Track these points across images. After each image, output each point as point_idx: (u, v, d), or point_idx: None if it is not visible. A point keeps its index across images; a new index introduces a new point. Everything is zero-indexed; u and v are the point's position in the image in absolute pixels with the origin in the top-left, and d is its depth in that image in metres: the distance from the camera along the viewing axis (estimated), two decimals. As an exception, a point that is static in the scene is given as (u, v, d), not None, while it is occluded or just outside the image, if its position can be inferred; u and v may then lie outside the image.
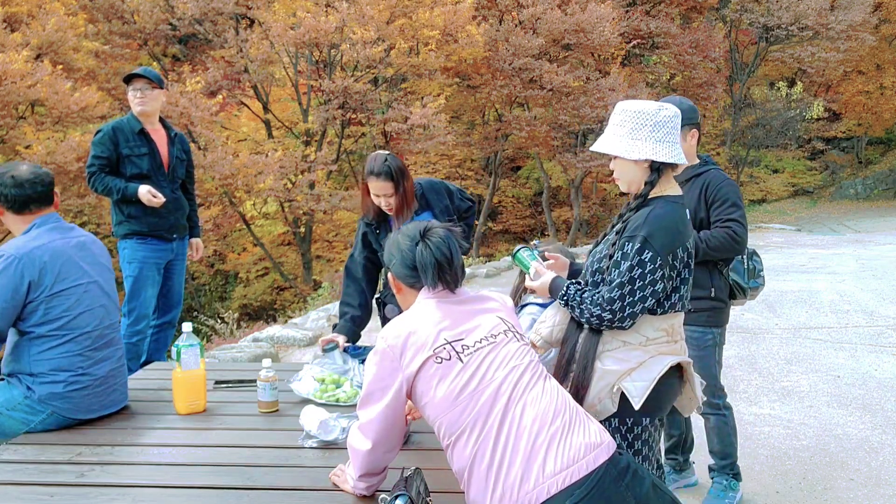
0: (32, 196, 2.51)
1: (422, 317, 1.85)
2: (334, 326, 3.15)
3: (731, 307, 3.13)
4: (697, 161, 3.05)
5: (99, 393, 2.55)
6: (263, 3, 13.35)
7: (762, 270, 3.15)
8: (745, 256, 3.07)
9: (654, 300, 2.08)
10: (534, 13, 14.65)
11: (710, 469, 3.19)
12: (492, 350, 1.81)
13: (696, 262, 2.86)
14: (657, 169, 2.12)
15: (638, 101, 2.14)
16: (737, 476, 3.15)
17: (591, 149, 2.28)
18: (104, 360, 2.58)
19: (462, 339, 1.80)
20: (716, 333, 3.05)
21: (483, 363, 1.78)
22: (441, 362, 1.77)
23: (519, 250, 2.44)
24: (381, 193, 3.02)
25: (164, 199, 3.93)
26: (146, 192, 3.87)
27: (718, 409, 3.08)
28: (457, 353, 1.78)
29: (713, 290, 2.99)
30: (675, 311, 2.17)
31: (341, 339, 3.02)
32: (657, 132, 2.08)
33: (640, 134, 2.09)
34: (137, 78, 4.00)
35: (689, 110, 2.89)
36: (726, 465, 3.13)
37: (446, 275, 1.89)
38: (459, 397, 1.74)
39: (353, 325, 3.12)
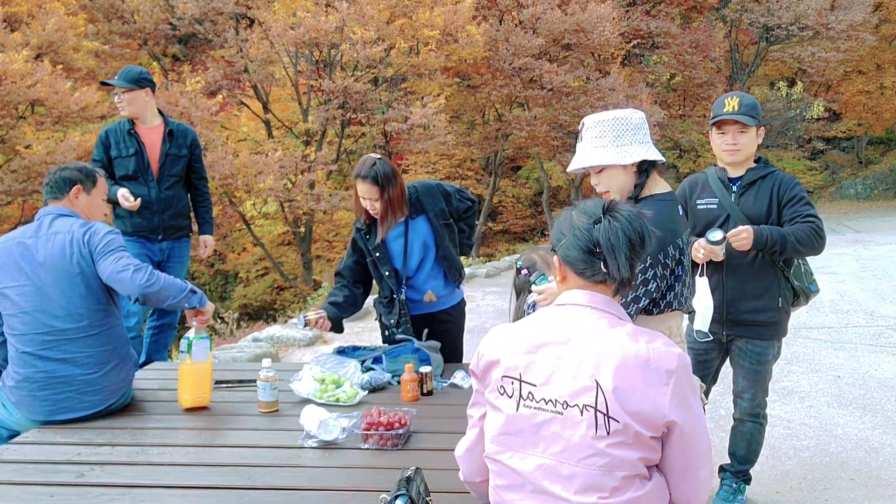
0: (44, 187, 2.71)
1: (529, 325, 1.55)
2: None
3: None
4: (755, 165, 2.90)
5: (41, 398, 2.50)
6: (263, 2, 13.34)
7: (813, 274, 2.98)
8: (799, 259, 2.92)
9: (647, 300, 2.09)
10: (534, 13, 14.65)
11: (722, 469, 3.16)
12: (548, 424, 1.45)
13: (763, 270, 2.80)
14: (645, 170, 2.16)
15: (607, 112, 2.19)
16: (747, 481, 3.13)
17: (573, 167, 2.23)
18: (43, 369, 2.50)
19: (533, 386, 1.47)
20: (777, 347, 2.95)
21: (526, 432, 1.47)
22: (502, 394, 1.51)
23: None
24: (367, 197, 3.03)
25: (135, 203, 3.89)
26: (121, 195, 3.87)
27: (757, 418, 3.01)
28: (520, 397, 1.48)
29: (780, 299, 2.85)
30: (672, 311, 2.18)
31: (324, 315, 3.10)
32: (638, 135, 2.14)
33: (624, 140, 2.13)
34: (114, 85, 3.99)
35: (760, 108, 2.84)
36: (742, 471, 3.10)
37: (634, 267, 1.51)
38: (485, 453, 1.56)
39: (335, 309, 3.14)
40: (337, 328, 3.20)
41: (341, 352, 3.14)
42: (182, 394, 2.62)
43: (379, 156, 3.07)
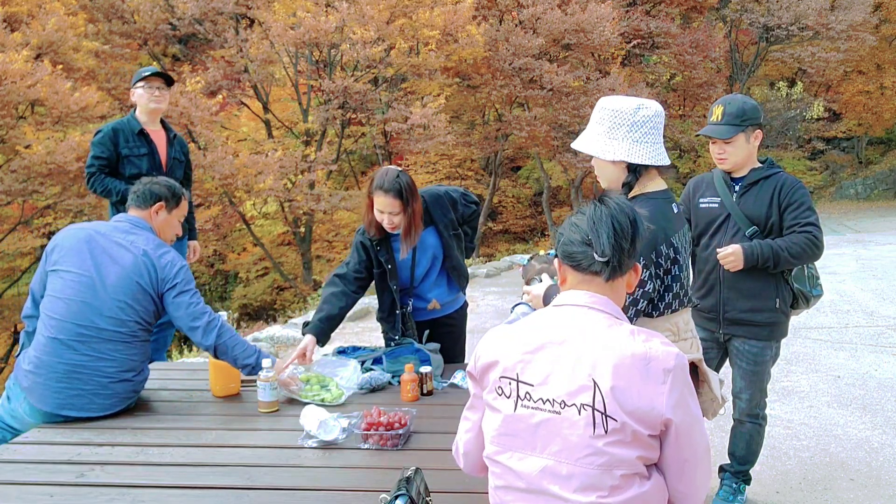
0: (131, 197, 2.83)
1: (527, 327, 1.56)
2: (305, 325, 2.98)
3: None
4: (760, 165, 2.88)
5: (55, 389, 2.49)
6: (263, 2, 13.34)
7: (819, 278, 2.96)
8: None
9: (645, 301, 2.05)
10: (534, 13, 14.64)
11: (722, 469, 3.16)
12: (546, 423, 1.45)
13: (761, 273, 2.78)
14: (634, 169, 2.05)
15: (618, 99, 2.07)
16: (747, 481, 3.13)
17: (571, 146, 2.21)
18: (68, 360, 2.50)
19: (531, 386, 1.48)
20: (775, 348, 2.93)
21: (524, 432, 1.47)
22: (500, 394, 1.52)
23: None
24: (387, 210, 2.87)
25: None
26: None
27: (756, 419, 3.01)
28: (518, 397, 1.48)
29: (778, 300, 2.83)
30: (673, 311, 2.14)
31: (310, 344, 2.90)
32: (634, 132, 2.02)
33: (617, 133, 2.03)
34: (156, 76, 4.08)
35: (753, 110, 2.77)
36: (742, 471, 3.10)
37: (620, 249, 1.52)
38: (484, 453, 1.57)
39: (324, 326, 2.94)
40: (324, 342, 3.00)
41: (341, 352, 3.15)
42: (213, 385, 2.82)
43: (399, 168, 2.93)
